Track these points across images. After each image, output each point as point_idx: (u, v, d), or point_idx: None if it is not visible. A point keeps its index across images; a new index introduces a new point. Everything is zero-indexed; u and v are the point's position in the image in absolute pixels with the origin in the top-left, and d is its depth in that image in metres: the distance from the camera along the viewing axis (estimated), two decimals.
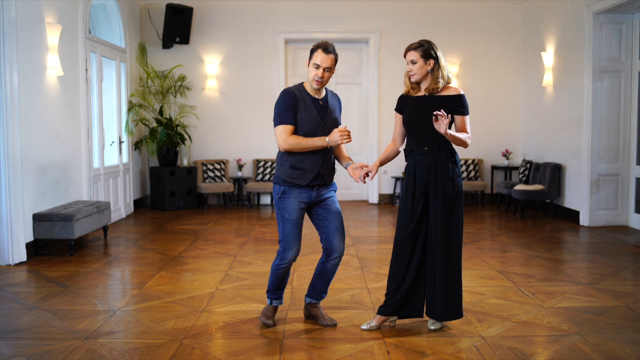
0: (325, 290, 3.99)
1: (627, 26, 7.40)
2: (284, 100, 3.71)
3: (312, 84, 3.73)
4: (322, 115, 3.76)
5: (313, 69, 3.70)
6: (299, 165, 3.72)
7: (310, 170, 3.73)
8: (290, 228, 3.76)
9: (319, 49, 3.69)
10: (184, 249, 6.39)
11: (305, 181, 3.73)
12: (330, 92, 3.93)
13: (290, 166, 3.74)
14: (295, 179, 3.73)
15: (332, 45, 3.72)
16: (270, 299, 3.97)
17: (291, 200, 3.75)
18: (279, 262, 3.82)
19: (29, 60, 5.93)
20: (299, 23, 9.77)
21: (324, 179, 3.79)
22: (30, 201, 5.94)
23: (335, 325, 3.94)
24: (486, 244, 6.60)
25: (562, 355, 3.43)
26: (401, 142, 3.94)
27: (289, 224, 3.76)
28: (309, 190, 3.77)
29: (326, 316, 3.99)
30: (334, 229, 3.83)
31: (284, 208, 3.76)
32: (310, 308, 4.02)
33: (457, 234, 3.73)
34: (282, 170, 3.77)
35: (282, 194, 3.77)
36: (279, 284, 3.91)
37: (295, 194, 3.75)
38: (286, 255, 3.79)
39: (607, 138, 7.55)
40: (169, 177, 9.13)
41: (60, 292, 4.77)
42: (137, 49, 9.26)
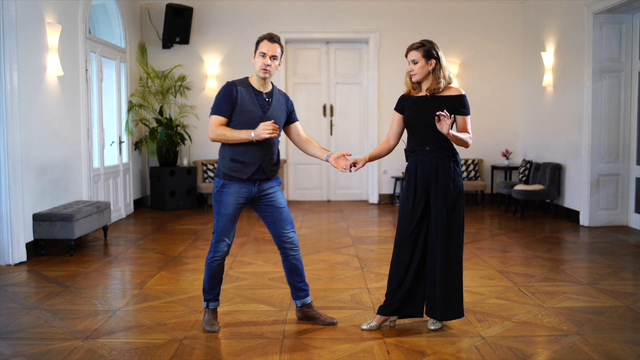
0: (305, 282, 3.97)
1: (627, 26, 7.40)
2: (222, 93, 3.72)
3: (259, 73, 3.73)
4: (265, 109, 3.75)
5: (259, 58, 3.72)
6: (240, 158, 3.70)
7: (252, 164, 3.71)
8: (224, 222, 3.75)
9: (264, 39, 3.74)
10: (184, 249, 6.40)
11: (246, 175, 3.71)
12: (279, 90, 3.92)
13: (231, 159, 3.72)
14: (236, 172, 3.71)
15: (277, 36, 3.77)
16: (207, 302, 3.90)
17: (229, 195, 3.73)
18: (213, 255, 3.80)
19: (29, 60, 5.93)
20: (299, 23, 9.77)
21: (266, 173, 3.77)
22: (30, 201, 5.94)
23: (335, 324, 3.94)
24: (486, 244, 6.60)
25: (562, 355, 3.43)
26: (395, 141, 3.93)
27: (223, 218, 3.75)
28: (249, 185, 3.75)
29: (324, 315, 3.99)
30: (281, 222, 3.83)
31: (220, 202, 3.75)
32: (305, 310, 3.99)
33: (458, 234, 3.73)
34: (223, 163, 3.75)
35: (221, 187, 3.75)
36: (214, 281, 3.87)
37: (235, 189, 3.73)
38: (219, 247, 3.78)
39: (607, 138, 7.55)
40: (169, 177, 9.13)
41: (60, 292, 4.77)
42: (137, 49, 9.27)
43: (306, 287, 3.98)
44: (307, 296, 3.99)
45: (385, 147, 3.94)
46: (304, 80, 10.06)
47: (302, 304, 3.98)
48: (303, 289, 3.96)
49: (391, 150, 3.96)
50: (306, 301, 3.98)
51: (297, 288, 3.96)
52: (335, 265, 5.61)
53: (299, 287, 3.95)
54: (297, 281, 3.95)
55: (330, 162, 3.81)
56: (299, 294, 3.97)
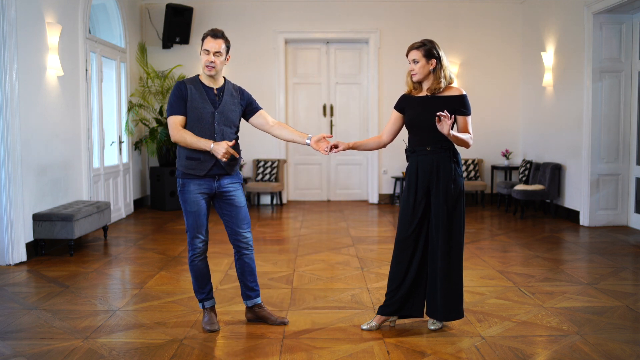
0: (257, 282, 3.98)
1: (627, 26, 7.40)
2: (174, 93, 3.75)
3: (205, 70, 3.74)
4: (216, 104, 3.75)
5: (204, 55, 3.72)
6: (195, 155, 3.71)
7: (207, 160, 3.70)
8: (193, 219, 3.77)
9: (208, 36, 3.74)
10: (184, 249, 6.39)
11: (203, 171, 3.72)
12: (232, 84, 3.90)
13: (186, 157, 3.73)
14: (193, 169, 3.72)
15: (221, 31, 3.75)
16: (201, 302, 3.91)
17: (191, 193, 3.75)
18: (192, 253, 3.82)
19: (29, 60, 5.93)
20: (299, 23, 9.77)
21: (223, 168, 3.77)
22: (30, 201, 5.94)
23: (287, 323, 3.94)
24: (486, 244, 6.60)
25: (562, 355, 3.43)
26: (388, 138, 3.91)
27: (192, 216, 3.77)
28: (209, 180, 3.76)
29: (274, 315, 4.00)
30: (238, 221, 3.85)
31: (185, 200, 3.77)
32: (256, 310, 3.98)
33: (459, 235, 3.73)
34: (180, 162, 3.76)
35: (182, 187, 3.77)
36: (202, 280, 3.87)
37: (195, 185, 3.75)
38: (195, 244, 3.80)
39: (607, 138, 7.55)
40: (169, 177, 9.13)
41: (60, 292, 4.77)
42: (137, 49, 9.27)
43: (257, 288, 3.99)
44: (258, 296, 4.00)
45: (375, 141, 3.93)
46: (304, 80, 10.06)
47: (253, 304, 3.98)
48: (254, 289, 3.97)
49: (382, 146, 3.94)
50: (257, 301, 3.99)
51: (248, 288, 3.96)
52: (335, 265, 5.61)
53: (250, 286, 3.96)
54: (249, 281, 3.95)
55: (311, 145, 3.80)
56: (249, 294, 3.97)
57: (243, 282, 3.97)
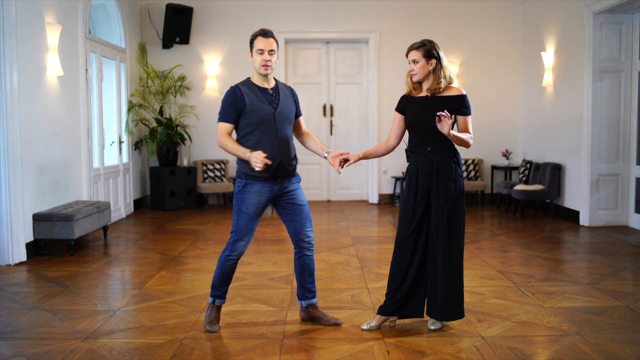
0: (314, 283, 3.97)
1: (627, 26, 7.40)
2: (227, 98, 3.74)
3: (260, 70, 3.72)
4: (274, 105, 3.75)
5: (258, 56, 3.71)
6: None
7: (272, 162, 3.69)
8: (245, 222, 3.74)
9: (258, 36, 3.73)
10: (184, 249, 6.39)
11: (268, 173, 3.71)
12: (282, 84, 3.91)
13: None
14: (258, 171, 3.69)
15: (270, 30, 3.75)
16: (213, 297, 3.90)
17: (251, 195, 3.73)
18: (229, 253, 3.79)
19: (29, 60, 5.93)
20: (299, 23, 9.77)
21: (286, 169, 3.77)
22: (30, 201, 5.94)
23: (340, 324, 3.93)
24: (486, 244, 6.60)
25: (562, 355, 3.43)
26: (395, 142, 3.92)
27: (245, 217, 3.74)
28: (271, 184, 3.75)
29: (328, 315, 3.99)
30: (302, 220, 3.84)
31: (242, 201, 3.74)
32: (310, 310, 3.97)
33: (459, 235, 3.73)
34: (244, 163, 3.74)
35: (244, 187, 3.75)
36: (225, 279, 3.87)
37: (257, 188, 3.73)
38: (237, 246, 3.78)
39: (607, 138, 7.55)
40: (169, 177, 9.13)
41: (60, 292, 4.77)
42: (137, 49, 9.26)
43: (314, 289, 3.98)
44: (314, 297, 3.99)
45: (384, 146, 3.94)
46: (304, 80, 10.06)
47: (308, 305, 3.97)
48: (312, 290, 3.96)
49: (390, 150, 3.95)
50: (312, 302, 3.98)
51: (306, 288, 3.95)
52: (335, 265, 5.61)
53: (308, 287, 3.95)
54: (307, 281, 3.94)
55: (328, 159, 3.81)
56: (306, 295, 3.96)
57: (301, 283, 3.95)
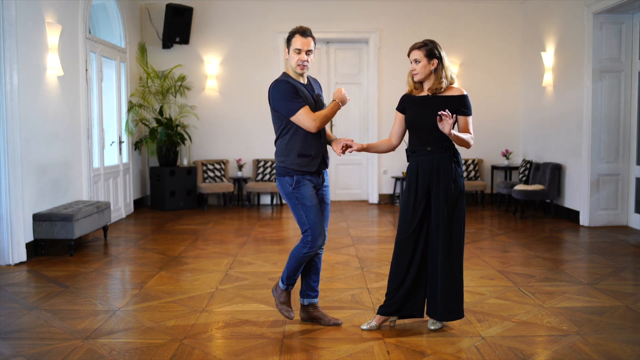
0: (318, 283, 3.98)
1: (627, 26, 7.40)
2: (284, 89, 3.70)
3: (296, 69, 3.74)
4: (313, 98, 3.82)
5: (295, 55, 3.71)
6: (307, 152, 3.73)
7: (317, 156, 3.76)
8: (315, 214, 3.74)
9: (296, 33, 3.72)
10: (184, 249, 6.39)
11: (314, 167, 3.75)
12: (310, 77, 3.96)
13: (298, 154, 3.73)
14: (306, 166, 3.73)
15: (308, 28, 3.75)
16: (287, 285, 3.88)
17: (307, 187, 3.75)
18: (308, 250, 3.75)
19: (29, 60, 5.93)
20: (299, 23, 9.55)
21: (326, 163, 3.85)
22: (30, 201, 5.94)
23: (340, 324, 3.93)
24: (486, 244, 6.60)
25: (562, 355, 3.43)
26: (397, 141, 3.93)
27: (313, 210, 3.73)
28: (316, 177, 3.81)
29: (328, 315, 3.99)
30: (324, 218, 3.88)
31: (302, 196, 3.74)
32: (311, 310, 3.97)
33: (459, 235, 3.73)
34: (290, 160, 3.74)
35: (297, 183, 3.75)
36: (299, 270, 3.86)
37: (308, 180, 3.76)
38: (317, 243, 3.75)
39: (607, 138, 7.55)
40: (169, 177, 9.13)
41: (60, 292, 4.77)
42: (137, 49, 9.26)
43: (318, 289, 4.00)
44: (317, 297, 3.99)
45: (386, 144, 3.94)
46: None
47: (309, 304, 3.97)
48: (315, 289, 3.97)
49: (392, 149, 3.96)
50: (314, 301, 3.98)
51: (310, 287, 3.96)
52: (335, 265, 5.61)
53: (312, 286, 3.96)
54: (313, 280, 3.96)
55: (332, 146, 3.87)
56: (309, 293, 3.96)
57: (306, 281, 3.96)
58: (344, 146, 3.77)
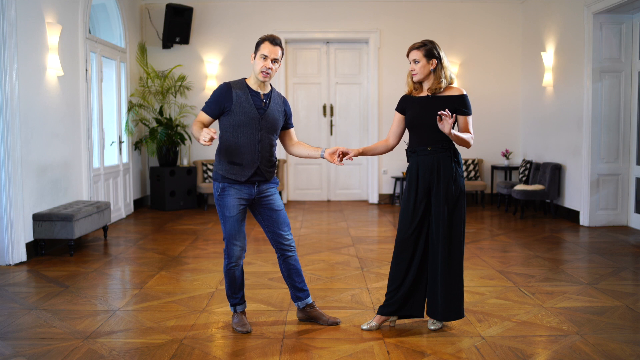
0: (304, 282, 3.96)
1: (627, 26, 7.40)
2: (216, 92, 3.71)
3: (259, 76, 3.68)
4: (261, 111, 3.71)
5: (260, 61, 3.66)
6: (237, 160, 3.67)
7: (249, 166, 3.68)
8: (232, 225, 3.71)
9: (266, 40, 3.68)
10: (184, 249, 6.40)
11: (244, 177, 3.68)
12: (278, 93, 3.88)
13: (228, 161, 3.69)
14: (234, 174, 3.67)
15: (279, 38, 3.73)
16: (233, 306, 3.89)
17: (231, 198, 3.70)
18: (228, 261, 3.77)
19: (29, 60, 5.93)
20: (299, 23, 9.77)
21: (264, 175, 3.75)
22: (30, 201, 5.94)
23: (339, 324, 3.93)
24: (486, 244, 6.60)
25: (562, 355, 3.43)
26: (394, 141, 3.92)
27: (230, 221, 3.71)
28: (249, 187, 3.72)
29: (326, 315, 3.98)
30: (279, 224, 3.82)
31: (224, 205, 3.71)
32: (308, 310, 3.97)
33: (460, 235, 3.73)
34: (221, 165, 3.71)
35: (222, 191, 3.70)
36: (236, 286, 3.84)
37: (235, 190, 3.70)
38: (233, 252, 3.75)
39: (607, 138, 7.55)
40: (169, 177, 9.13)
41: (60, 292, 4.77)
42: (137, 49, 9.26)
43: (306, 288, 3.97)
44: (308, 296, 3.97)
45: (383, 145, 3.93)
46: (304, 80, 10.06)
47: (305, 305, 3.96)
48: (303, 289, 3.95)
49: (389, 149, 3.95)
50: (308, 301, 3.97)
51: (297, 289, 3.94)
52: (335, 265, 5.61)
53: (299, 287, 3.93)
54: (297, 282, 3.93)
55: (326, 157, 3.81)
56: (299, 295, 3.94)
57: (291, 284, 3.94)
58: (339, 155, 3.74)
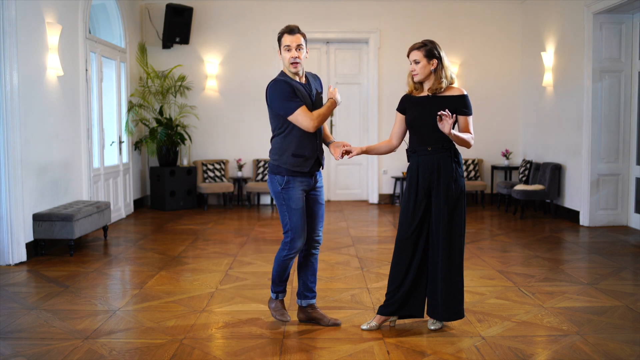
0: (315, 283, 3.97)
1: (627, 26, 7.40)
2: (281, 88, 3.68)
3: (290, 68, 3.72)
4: (312, 97, 3.79)
5: (286, 53, 3.70)
6: (301, 152, 3.72)
7: (311, 157, 3.75)
8: (298, 217, 3.74)
9: (284, 33, 3.73)
10: (184, 249, 6.40)
11: (307, 168, 3.74)
12: (309, 73, 3.92)
13: (292, 154, 3.72)
14: (299, 166, 3.72)
15: (296, 26, 3.75)
16: (276, 293, 3.92)
17: (296, 190, 3.74)
18: (287, 253, 3.78)
19: (29, 60, 5.93)
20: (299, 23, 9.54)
21: (320, 164, 3.83)
22: (30, 201, 5.94)
23: (339, 325, 3.93)
24: (486, 244, 6.60)
25: (562, 355, 3.43)
26: (397, 141, 3.92)
27: (296, 213, 3.74)
28: (308, 179, 3.79)
29: (327, 316, 3.98)
30: (317, 218, 3.87)
31: (289, 198, 3.74)
32: (309, 311, 3.96)
33: (460, 235, 3.73)
34: (284, 159, 3.73)
35: (287, 184, 3.74)
36: (285, 275, 3.87)
37: (299, 182, 3.75)
38: (295, 245, 3.77)
39: (607, 138, 7.55)
40: (169, 177, 9.13)
41: (60, 292, 4.77)
42: (137, 49, 9.26)
43: (315, 289, 3.98)
44: (314, 298, 3.98)
45: (386, 145, 3.94)
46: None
47: (307, 305, 3.96)
48: (313, 290, 3.96)
49: (392, 150, 3.95)
50: (312, 302, 3.97)
51: (307, 288, 3.94)
52: (335, 265, 5.61)
53: (310, 287, 3.94)
54: (310, 280, 3.94)
55: (330, 148, 3.84)
56: (307, 294, 3.95)
57: (303, 281, 3.95)
58: (343, 152, 3.75)
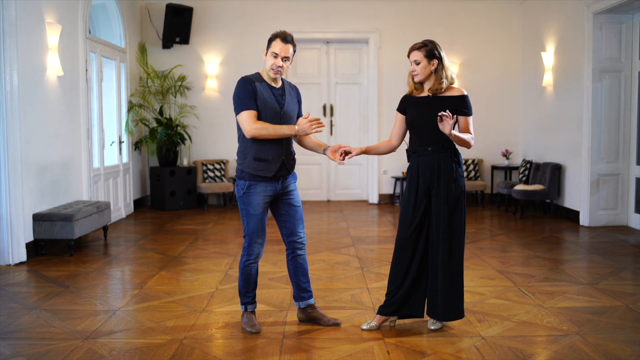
0: (309, 283, 3.96)
1: (627, 26, 7.40)
2: (242, 87, 3.66)
3: (269, 73, 3.70)
4: (281, 104, 3.73)
5: (271, 58, 3.67)
6: (264, 156, 3.66)
7: (275, 161, 3.68)
8: (255, 223, 3.72)
9: (277, 37, 3.67)
10: (184, 249, 6.40)
11: (271, 172, 3.68)
12: (288, 82, 3.89)
13: (254, 158, 3.67)
14: (262, 171, 3.67)
15: (290, 35, 3.70)
16: (244, 305, 3.88)
17: (257, 195, 3.70)
18: (247, 258, 3.78)
19: (29, 60, 5.93)
20: (299, 23, 9.77)
21: (287, 169, 3.76)
22: (30, 201, 5.94)
23: (339, 325, 3.93)
24: (486, 244, 6.60)
25: (562, 355, 3.43)
26: (397, 141, 3.92)
27: (254, 219, 3.71)
28: (274, 183, 3.73)
29: (327, 316, 3.98)
30: (296, 220, 3.83)
31: (249, 203, 3.71)
32: (309, 311, 3.96)
33: (460, 235, 3.73)
34: (247, 163, 3.69)
35: (248, 189, 3.70)
36: (250, 284, 3.85)
37: (261, 188, 3.70)
38: (252, 250, 3.76)
39: (607, 138, 7.55)
40: (169, 177, 9.13)
41: (60, 292, 4.77)
42: (137, 49, 9.26)
43: (310, 289, 3.96)
44: (311, 297, 3.97)
45: (386, 145, 3.93)
46: (304, 80, 10.05)
47: (306, 305, 3.95)
48: (308, 289, 3.94)
49: (392, 150, 3.95)
50: (310, 302, 3.96)
51: (302, 289, 3.93)
52: (335, 265, 5.61)
53: (304, 287, 3.93)
54: (302, 281, 3.92)
55: (327, 155, 3.81)
56: (303, 295, 3.93)
57: (296, 283, 3.93)
58: (342, 154, 3.74)
